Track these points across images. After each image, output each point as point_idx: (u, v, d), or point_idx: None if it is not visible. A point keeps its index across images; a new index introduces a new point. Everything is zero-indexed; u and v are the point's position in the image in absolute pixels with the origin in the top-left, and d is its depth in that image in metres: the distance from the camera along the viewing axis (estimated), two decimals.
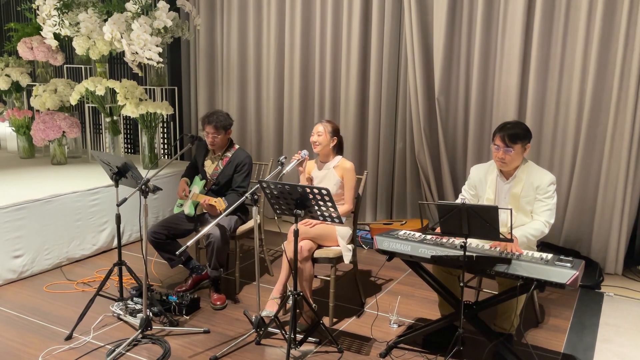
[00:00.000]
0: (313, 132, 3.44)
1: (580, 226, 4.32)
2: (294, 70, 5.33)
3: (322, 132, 3.39)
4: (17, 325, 3.27)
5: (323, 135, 3.39)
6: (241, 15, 5.59)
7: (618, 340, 3.19)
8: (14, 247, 3.87)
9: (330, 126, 3.42)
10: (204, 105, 5.97)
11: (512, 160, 2.93)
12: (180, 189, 3.75)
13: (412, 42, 4.66)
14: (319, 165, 3.50)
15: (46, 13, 4.87)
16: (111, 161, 3.20)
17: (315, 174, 3.49)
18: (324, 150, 3.42)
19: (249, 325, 3.23)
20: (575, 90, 4.15)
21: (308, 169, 3.53)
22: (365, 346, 3.07)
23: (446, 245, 2.75)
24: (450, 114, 4.72)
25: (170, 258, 3.64)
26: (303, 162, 3.36)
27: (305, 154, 3.29)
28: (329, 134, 3.40)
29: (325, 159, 3.47)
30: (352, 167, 3.41)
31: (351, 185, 3.38)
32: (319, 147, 3.42)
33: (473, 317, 2.83)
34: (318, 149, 3.43)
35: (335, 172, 3.40)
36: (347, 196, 3.39)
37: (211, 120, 3.62)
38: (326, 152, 3.44)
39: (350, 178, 3.38)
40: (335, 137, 3.44)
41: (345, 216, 3.38)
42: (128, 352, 2.96)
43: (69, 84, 5.52)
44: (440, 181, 4.86)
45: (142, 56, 4.63)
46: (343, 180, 3.39)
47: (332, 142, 3.42)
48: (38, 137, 5.28)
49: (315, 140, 3.41)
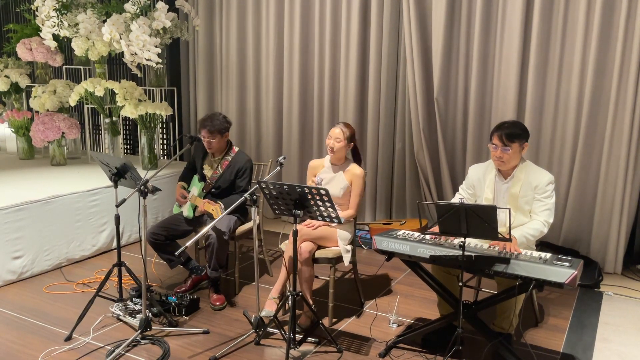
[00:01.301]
0: (330, 135, 3.32)
1: (579, 225, 4.33)
2: (293, 71, 5.33)
3: (341, 138, 3.28)
4: (17, 326, 3.27)
5: (342, 141, 3.29)
6: (240, 15, 5.60)
7: (617, 340, 3.19)
8: (14, 248, 3.87)
9: (349, 131, 3.31)
10: (203, 106, 5.97)
11: (510, 159, 2.94)
12: (179, 194, 3.71)
13: (411, 43, 4.66)
14: (329, 166, 3.43)
15: (45, 14, 4.87)
16: (110, 162, 3.20)
17: (324, 175, 3.43)
18: (338, 154, 3.35)
19: (248, 326, 3.24)
20: (573, 91, 4.16)
21: (316, 168, 3.48)
22: (365, 346, 3.08)
23: (445, 245, 2.75)
24: (449, 114, 4.73)
25: (169, 259, 3.63)
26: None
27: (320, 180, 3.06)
28: (347, 140, 3.30)
29: (338, 162, 3.40)
30: (363, 173, 3.34)
31: (358, 192, 3.33)
32: (336, 155, 3.33)
33: (472, 317, 2.83)
34: (335, 156, 3.34)
35: (345, 177, 3.35)
36: (352, 202, 3.34)
37: (205, 125, 3.56)
38: (340, 156, 3.36)
39: (358, 184, 3.32)
40: (352, 142, 3.36)
41: (347, 221, 3.37)
42: (127, 352, 2.96)
43: (68, 85, 5.52)
44: (439, 181, 4.86)
45: (141, 57, 4.63)
46: (351, 185, 3.34)
47: (348, 147, 3.34)
48: (37, 138, 5.28)
49: (332, 147, 3.30)
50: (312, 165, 3.52)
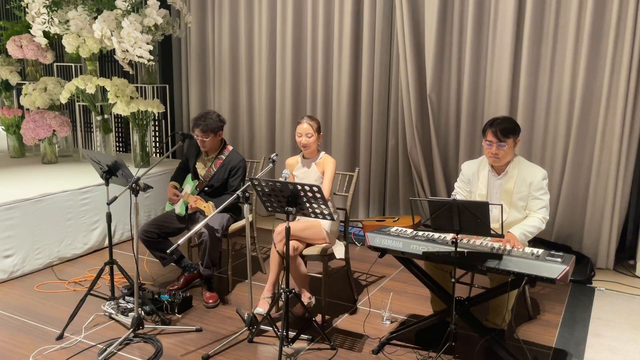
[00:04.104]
0: (300, 132, 3.33)
1: (571, 221, 4.34)
2: (285, 68, 5.31)
3: (311, 132, 3.30)
4: (8, 325, 3.25)
5: (312, 135, 3.31)
6: (232, 12, 5.57)
7: (609, 335, 3.21)
8: (4, 247, 3.84)
9: (316, 124, 3.34)
10: (196, 103, 5.94)
11: (505, 155, 2.94)
12: (171, 194, 3.69)
13: (404, 39, 4.66)
14: (302, 161, 3.44)
15: (35, 11, 4.83)
16: (101, 160, 3.18)
17: (298, 171, 3.43)
18: (311, 148, 3.36)
19: (241, 324, 3.23)
20: (566, 87, 4.17)
21: (292, 165, 3.48)
22: (358, 343, 3.08)
23: (438, 241, 2.75)
24: (442, 111, 4.73)
25: (162, 257, 3.62)
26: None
27: (287, 175, 2.99)
28: (316, 132, 3.33)
29: (310, 155, 3.41)
30: (334, 161, 3.35)
31: (329, 176, 3.31)
32: (309, 149, 3.35)
33: (465, 313, 2.84)
34: (308, 150, 3.37)
35: (317, 169, 3.36)
36: (324, 186, 3.29)
37: (199, 124, 3.54)
38: (313, 149, 3.38)
39: (329, 169, 3.31)
40: (321, 133, 3.38)
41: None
42: (120, 351, 2.94)
43: (59, 83, 5.47)
44: (432, 178, 4.87)
45: (133, 54, 4.60)
46: (323, 175, 3.34)
47: (319, 139, 3.37)
48: (28, 136, 5.24)
49: (305, 143, 3.32)
50: (289, 163, 3.52)
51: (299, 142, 3.35)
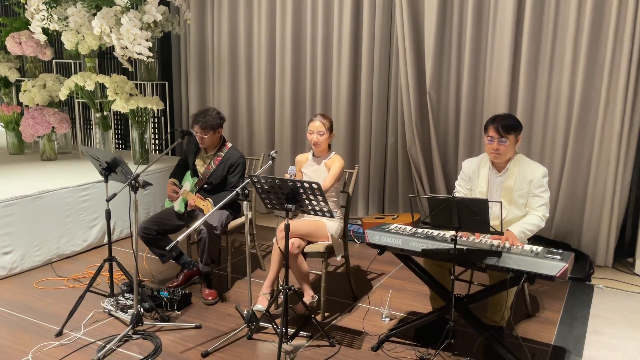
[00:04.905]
0: (312, 130, 3.33)
1: (570, 219, 4.34)
2: (285, 65, 5.30)
3: (323, 130, 3.30)
4: (7, 322, 3.25)
5: (324, 133, 3.31)
6: (232, 9, 5.56)
7: (608, 332, 3.21)
8: (4, 243, 3.84)
9: (328, 122, 3.34)
10: (195, 100, 5.93)
11: (507, 151, 2.94)
12: (170, 191, 3.69)
13: (404, 37, 4.65)
14: (312, 159, 3.46)
15: (34, 7, 4.81)
16: (100, 156, 3.17)
17: (307, 169, 3.46)
18: (322, 146, 3.36)
19: (240, 320, 3.23)
20: (565, 85, 4.17)
21: (301, 162, 3.50)
22: (357, 340, 3.08)
23: (437, 238, 2.75)
24: (441, 109, 4.73)
25: (161, 254, 3.62)
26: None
27: (293, 171, 2.95)
28: (328, 131, 3.33)
29: (321, 154, 3.42)
30: (341, 160, 3.36)
31: (334, 172, 3.31)
32: (319, 147, 3.35)
33: (464, 310, 2.84)
34: (319, 149, 3.36)
35: (326, 167, 3.37)
36: (326, 180, 3.29)
37: (198, 120, 3.54)
38: (324, 148, 3.38)
39: (335, 166, 3.31)
40: (333, 132, 3.39)
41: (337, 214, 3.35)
42: (119, 348, 2.95)
43: (58, 79, 5.47)
44: (432, 175, 4.87)
45: (132, 51, 4.59)
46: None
47: (330, 138, 3.37)
48: (27, 133, 5.23)
49: (316, 141, 3.32)
50: (298, 160, 3.54)
51: (310, 140, 3.35)
